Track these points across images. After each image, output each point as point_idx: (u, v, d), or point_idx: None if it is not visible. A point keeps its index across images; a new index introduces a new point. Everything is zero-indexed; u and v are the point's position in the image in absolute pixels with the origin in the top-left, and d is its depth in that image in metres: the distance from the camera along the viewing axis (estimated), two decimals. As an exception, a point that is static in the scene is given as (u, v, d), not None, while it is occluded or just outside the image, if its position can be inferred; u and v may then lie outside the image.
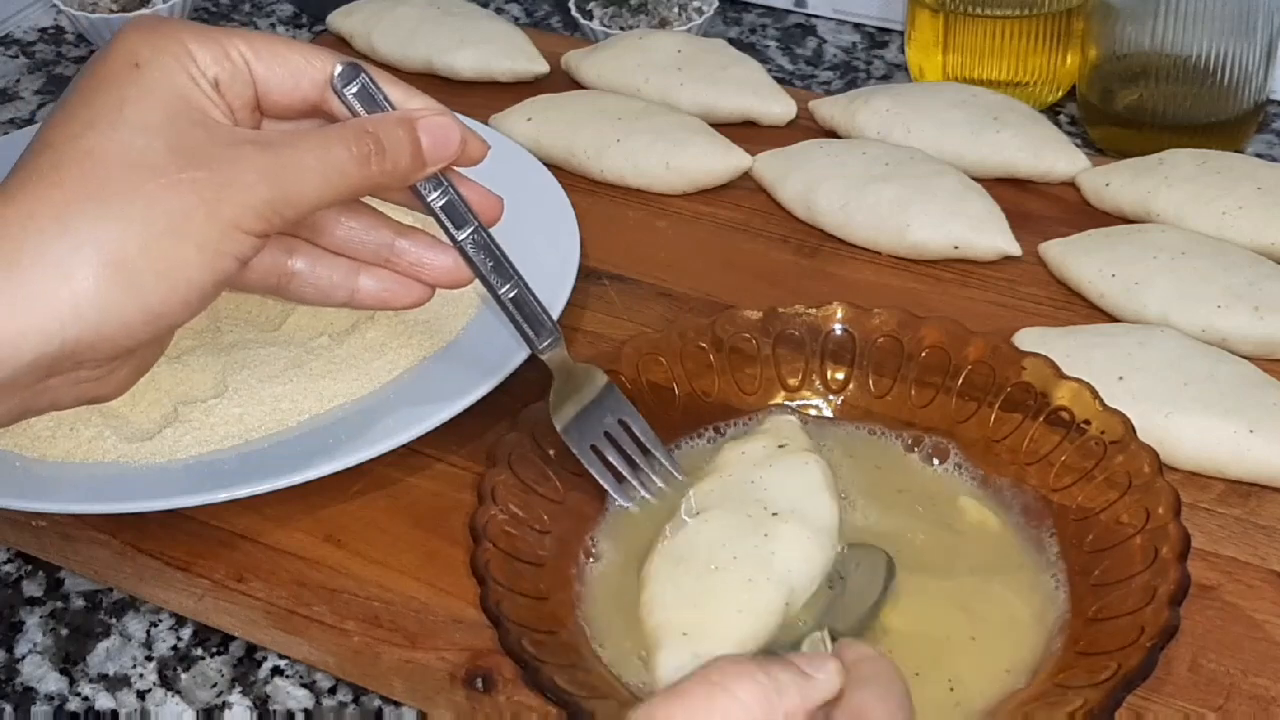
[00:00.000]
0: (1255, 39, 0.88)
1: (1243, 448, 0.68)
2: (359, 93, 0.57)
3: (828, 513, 0.64)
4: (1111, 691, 0.55)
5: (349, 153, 0.54)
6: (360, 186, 0.55)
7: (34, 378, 0.49)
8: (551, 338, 0.64)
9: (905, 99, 0.92)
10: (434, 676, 0.63)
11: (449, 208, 0.60)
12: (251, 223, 0.51)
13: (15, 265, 0.48)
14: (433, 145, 0.57)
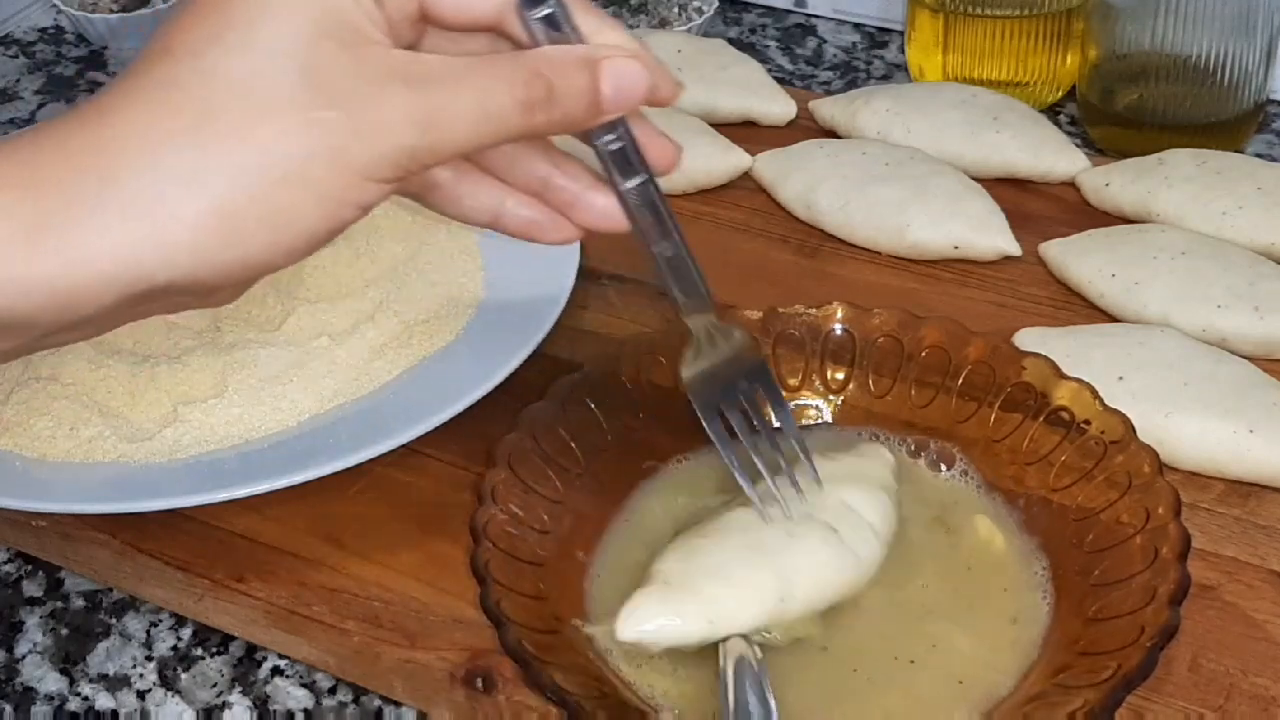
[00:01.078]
0: (1255, 39, 0.88)
1: (1243, 448, 0.68)
2: (547, 17, 0.49)
3: (866, 552, 0.62)
4: (1111, 691, 0.55)
5: (513, 99, 0.47)
6: (520, 134, 0.49)
7: (125, 309, 0.45)
8: (701, 306, 0.58)
9: (905, 99, 0.92)
10: (434, 676, 0.63)
11: (620, 155, 0.53)
12: (386, 171, 0.45)
13: (105, 199, 0.42)
14: (615, 93, 0.50)
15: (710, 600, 0.58)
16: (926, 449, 0.69)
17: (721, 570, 0.59)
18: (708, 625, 0.58)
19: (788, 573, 0.60)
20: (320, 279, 0.80)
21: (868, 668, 0.60)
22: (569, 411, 0.68)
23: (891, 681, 0.59)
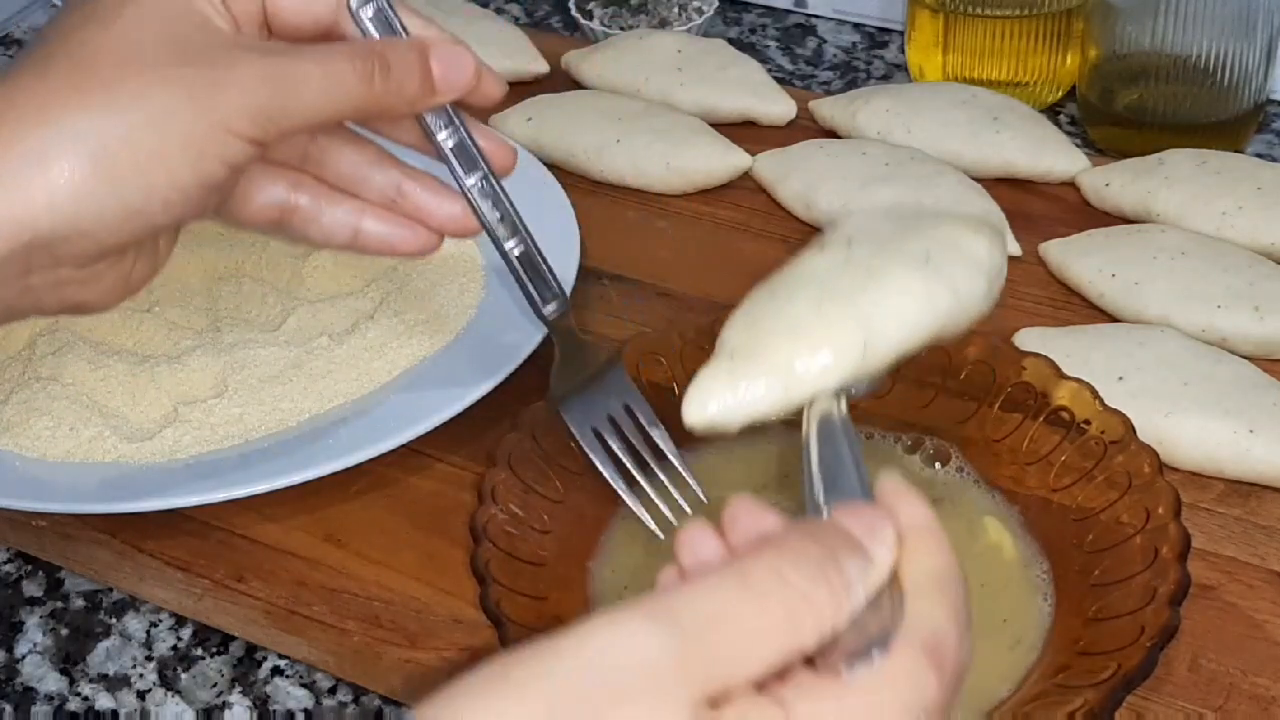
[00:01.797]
0: (1255, 39, 0.88)
1: (1243, 448, 0.68)
2: (374, 16, 0.54)
3: (966, 283, 0.52)
4: (1111, 691, 0.55)
5: (352, 66, 0.52)
6: (362, 104, 0.52)
7: (12, 271, 0.48)
8: (557, 301, 0.61)
9: (905, 99, 0.92)
10: (434, 676, 0.63)
11: (459, 149, 0.57)
12: (244, 126, 0.49)
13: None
14: (444, 74, 0.55)
15: (782, 362, 0.50)
16: (924, 447, 0.69)
17: (791, 325, 0.51)
18: (783, 391, 0.50)
19: (869, 313, 0.51)
20: (320, 279, 0.81)
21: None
22: (569, 411, 0.68)
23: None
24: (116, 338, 0.77)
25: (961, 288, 0.52)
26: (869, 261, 0.52)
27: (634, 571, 0.64)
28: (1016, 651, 0.60)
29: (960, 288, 0.52)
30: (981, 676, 0.59)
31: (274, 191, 0.56)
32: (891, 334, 0.51)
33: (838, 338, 0.50)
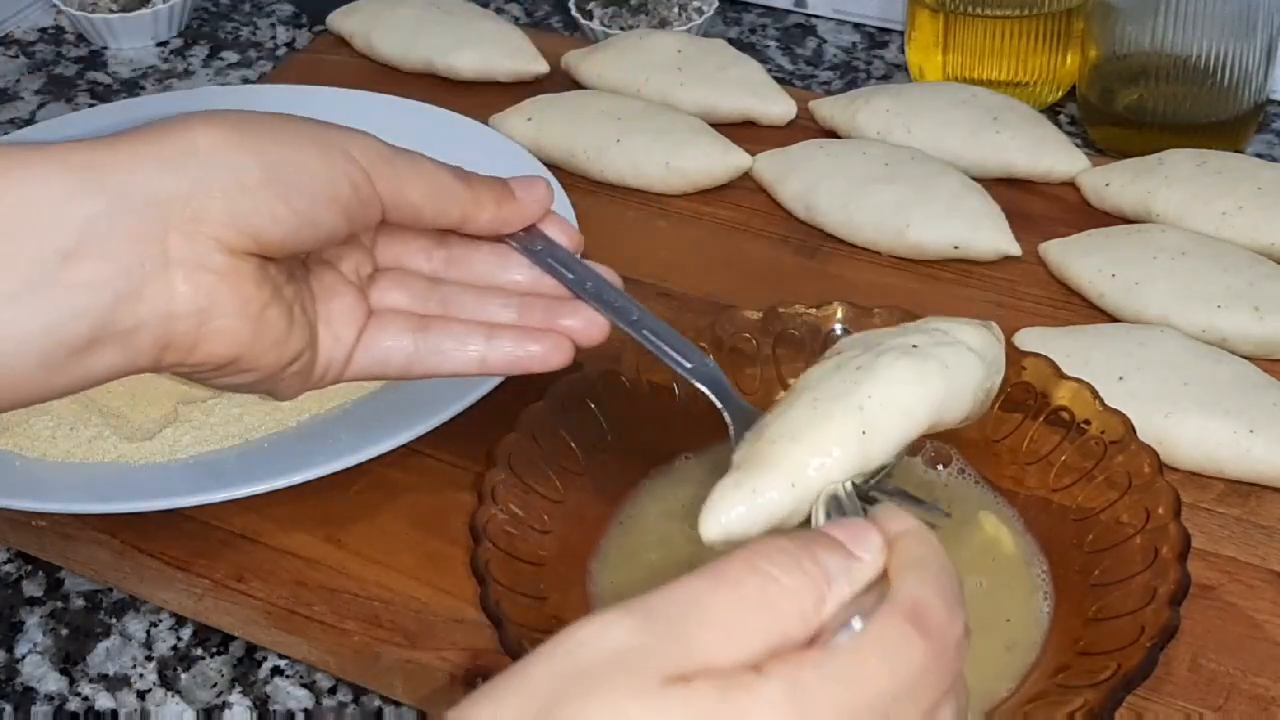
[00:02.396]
0: (1255, 39, 0.88)
1: (1243, 448, 0.68)
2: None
3: (957, 362, 0.55)
4: (1111, 691, 0.55)
5: (450, 171, 0.59)
6: (455, 199, 0.58)
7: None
8: (697, 356, 0.61)
9: (905, 99, 0.92)
10: (434, 676, 0.63)
11: (561, 258, 0.62)
12: (362, 157, 0.55)
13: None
14: (521, 189, 0.61)
15: (785, 464, 0.52)
16: (925, 450, 0.69)
17: (791, 430, 0.53)
18: (791, 490, 0.52)
19: (863, 404, 0.54)
20: (320, 279, 0.80)
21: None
22: (569, 411, 0.68)
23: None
24: (116, 338, 0.76)
25: (951, 363, 0.56)
26: (859, 360, 0.55)
27: (634, 572, 0.64)
28: (1015, 651, 0.60)
29: (950, 364, 0.55)
30: (981, 675, 0.59)
31: (402, 340, 0.59)
32: (889, 421, 0.54)
33: (837, 432, 0.53)
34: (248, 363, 0.53)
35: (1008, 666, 0.60)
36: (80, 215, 0.49)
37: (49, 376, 0.50)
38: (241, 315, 0.52)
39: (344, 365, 0.58)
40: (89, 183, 0.49)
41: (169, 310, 0.50)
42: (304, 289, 0.57)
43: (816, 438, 0.53)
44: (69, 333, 0.49)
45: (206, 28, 1.17)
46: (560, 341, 0.60)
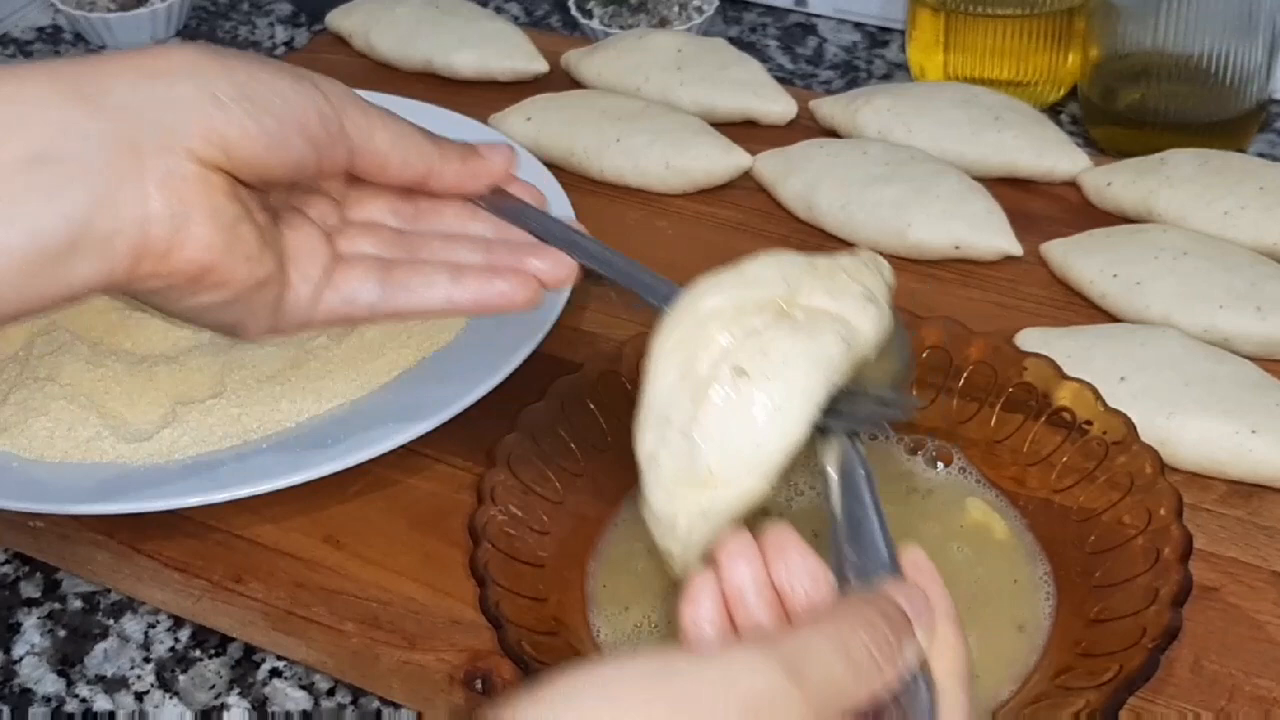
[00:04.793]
0: (1257, 38, 0.88)
1: (1245, 448, 0.68)
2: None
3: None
4: (1113, 693, 0.54)
5: (418, 131, 0.60)
6: (422, 156, 0.59)
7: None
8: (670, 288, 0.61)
9: (906, 99, 0.92)
10: (433, 678, 0.63)
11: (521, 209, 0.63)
12: (335, 96, 0.56)
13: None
14: (486, 151, 0.63)
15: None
16: (926, 449, 0.69)
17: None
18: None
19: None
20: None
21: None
22: (569, 412, 0.68)
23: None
24: (114, 338, 0.76)
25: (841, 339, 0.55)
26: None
27: (627, 577, 0.64)
28: (1027, 632, 0.61)
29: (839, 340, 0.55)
30: (986, 666, 0.59)
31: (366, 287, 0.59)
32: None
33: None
34: (221, 275, 0.53)
35: (1010, 667, 0.60)
36: (57, 120, 0.50)
37: (29, 285, 0.50)
38: (214, 223, 0.53)
39: (311, 304, 0.58)
40: (67, 90, 0.51)
41: (144, 214, 0.51)
42: (273, 225, 0.58)
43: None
44: (48, 237, 0.50)
45: (205, 27, 1.17)
46: (527, 280, 0.60)
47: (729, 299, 0.57)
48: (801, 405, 0.53)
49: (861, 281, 0.57)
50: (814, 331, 0.54)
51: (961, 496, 0.67)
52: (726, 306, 0.56)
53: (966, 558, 0.64)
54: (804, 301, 0.56)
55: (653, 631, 0.62)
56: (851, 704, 0.42)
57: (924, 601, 0.46)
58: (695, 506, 0.54)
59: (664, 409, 0.55)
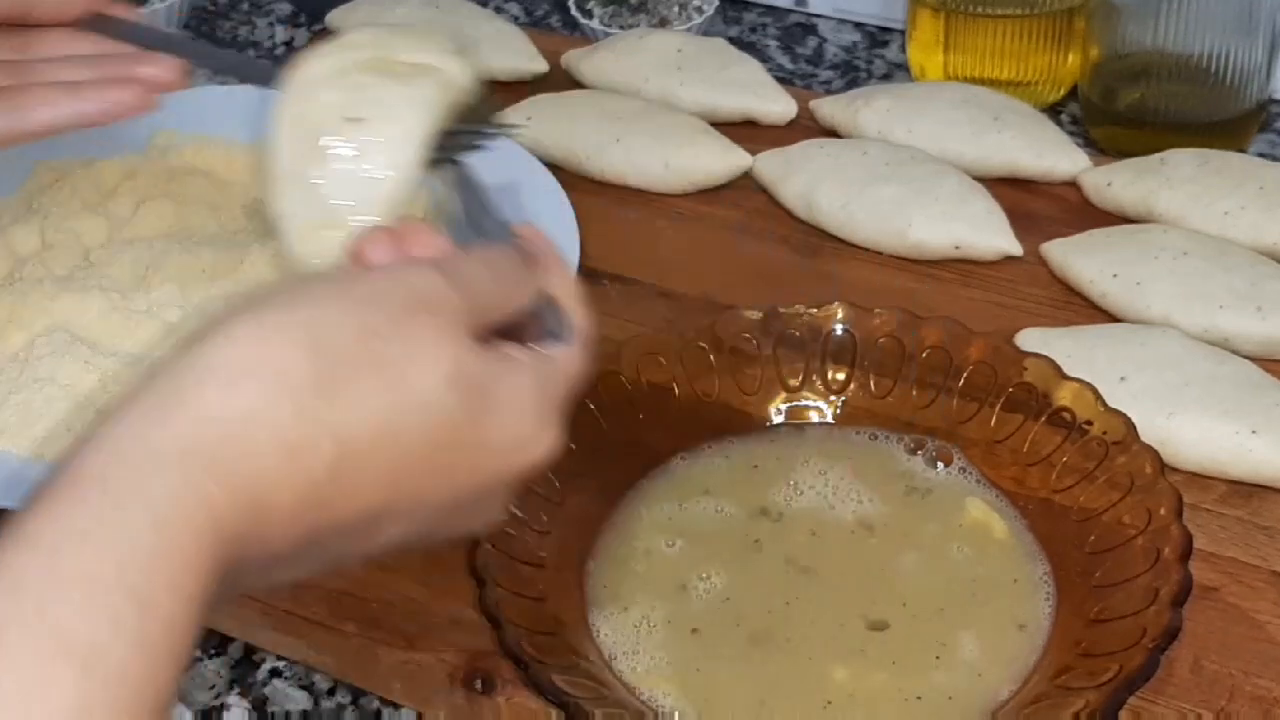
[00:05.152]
0: (1257, 38, 0.88)
1: (1245, 448, 0.68)
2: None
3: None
4: (1113, 693, 0.54)
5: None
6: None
7: None
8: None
9: (906, 99, 0.92)
10: (433, 678, 0.63)
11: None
12: None
13: None
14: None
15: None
16: (926, 449, 0.69)
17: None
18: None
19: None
20: (319, 278, 0.80)
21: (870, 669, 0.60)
22: (569, 412, 0.68)
23: (893, 684, 0.59)
24: (114, 339, 0.76)
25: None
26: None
27: (624, 579, 0.64)
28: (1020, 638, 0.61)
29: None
30: (986, 666, 0.59)
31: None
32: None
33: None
34: None
35: (1010, 667, 0.60)
36: None
37: None
38: None
39: None
40: None
41: None
42: None
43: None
44: None
45: (205, 27, 1.17)
46: (138, 86, 0.64)
47: (333, 63, 0.62)
48: (412, 143, 0.60)
49: (440, 38, 0.64)
50: (414, 80, 0.61)
51: (961, 496, 0.67)
52: (332, 70, 0.62)
53: (966, 557, 0.64)
54: (401, 58, 0.62)
55: (653, 631, 0.62)
56: (498, 316, 0.50)
57: (542, 246, 0.55)
58: (333, 243, 0.59)
59: (291, 169, 0.61)
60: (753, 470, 0.69)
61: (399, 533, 0.48)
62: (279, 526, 0.43)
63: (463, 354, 0.47)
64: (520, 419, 0.49)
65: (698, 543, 0.66)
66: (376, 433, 0.44)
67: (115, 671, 0.36)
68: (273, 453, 0.42)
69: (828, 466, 0.68)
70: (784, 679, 0.60)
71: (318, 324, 0.44)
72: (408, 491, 0.47)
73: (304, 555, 0.46)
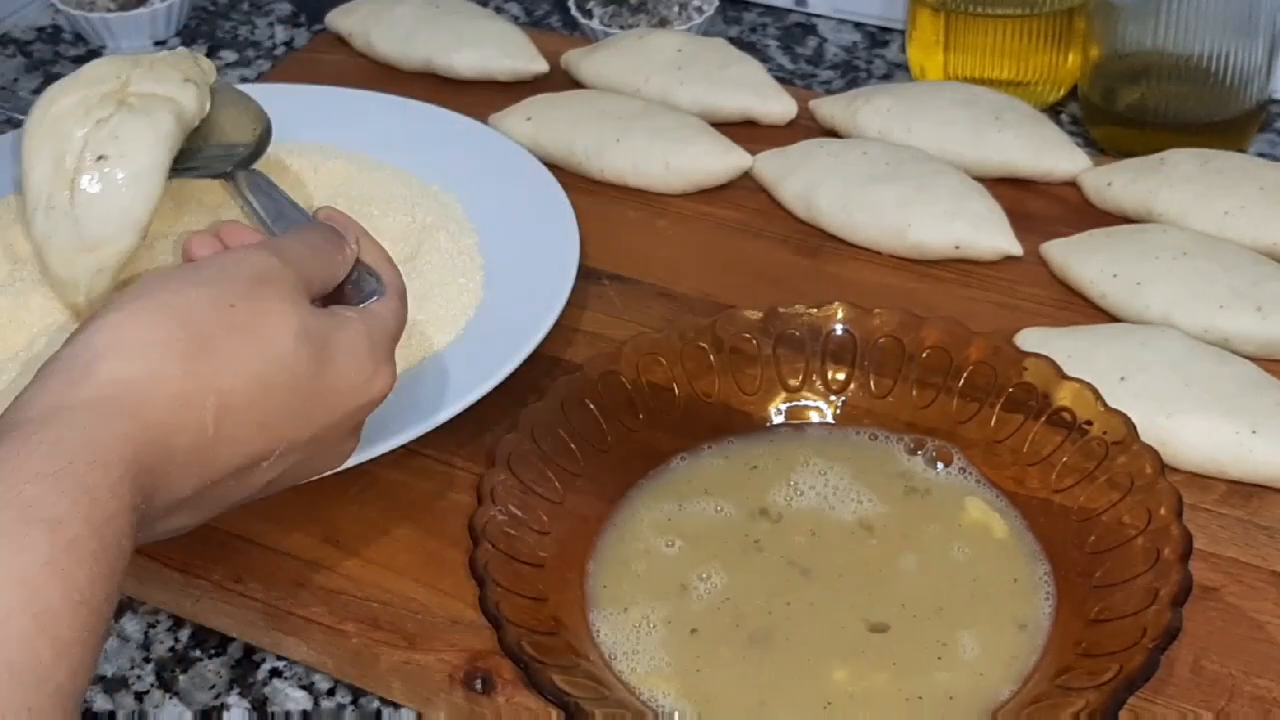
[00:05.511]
0: (1257, 38, 0.88)
1: (1245, 448, 0.68)
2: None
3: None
4: (1114, 693, 0.55)
5: None
6: None
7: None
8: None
9: (906, 98, 0.92)
10: (433, 678, 0.63)
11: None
12: None
13: None
14: None
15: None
16: (926, 448, 0.69)
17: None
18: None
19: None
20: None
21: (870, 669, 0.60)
22: (569, 412, 0.68)
23: (893, 684, 0.59)
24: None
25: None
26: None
27: (624, 580, 0.64)
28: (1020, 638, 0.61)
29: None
30: (986, 665, 0.59)
31: None
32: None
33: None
34: None
35: (1010, 667, 0.60)
36: None
37: None
38: None
39: None
40: None
41: None
42: None
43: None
44: None
45: (205, 27, 1.17)
46: None
47: (76, 99, 0.70)
48: (152, 171, 0.69)
49: (180, 70, 0.73)
50: (150, 112, 0.70)
51: (961, 496, 0.67)
52: (75, 105, 0.70)
53: (966, 557, 0.64)
54: (136, 89, 0.71)
55: (653, 631, 0.62)
56: (324, 282, 0.60)
57: (344, 220, 0.64)
58: (91, 266, 0.70)
59: (44, 198, 0.69)
60: (752, 470, 0.69)
61: (274, 474, 0.58)
62: (179, 468, 0.52)
63: (305, 314, 0.57)
64: (359, 364, 0.59)
65: (697, 543, 0.66)
66: (248, 385, 0.54)
67: (73, 539, 0.46)
68: (167, 404, 0.52)
69: (827, 466, 0.68)
70: (784, 679, 0.60)
71: (179, 303, 0.54)
72: (278, 436, 0.56)
73: (202, 500, 0.55)
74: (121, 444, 0.49)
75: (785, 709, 0.59)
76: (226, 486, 0.56)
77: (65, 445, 0.48)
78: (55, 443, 0.48)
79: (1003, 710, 0.58)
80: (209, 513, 0.57)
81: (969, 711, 0.58)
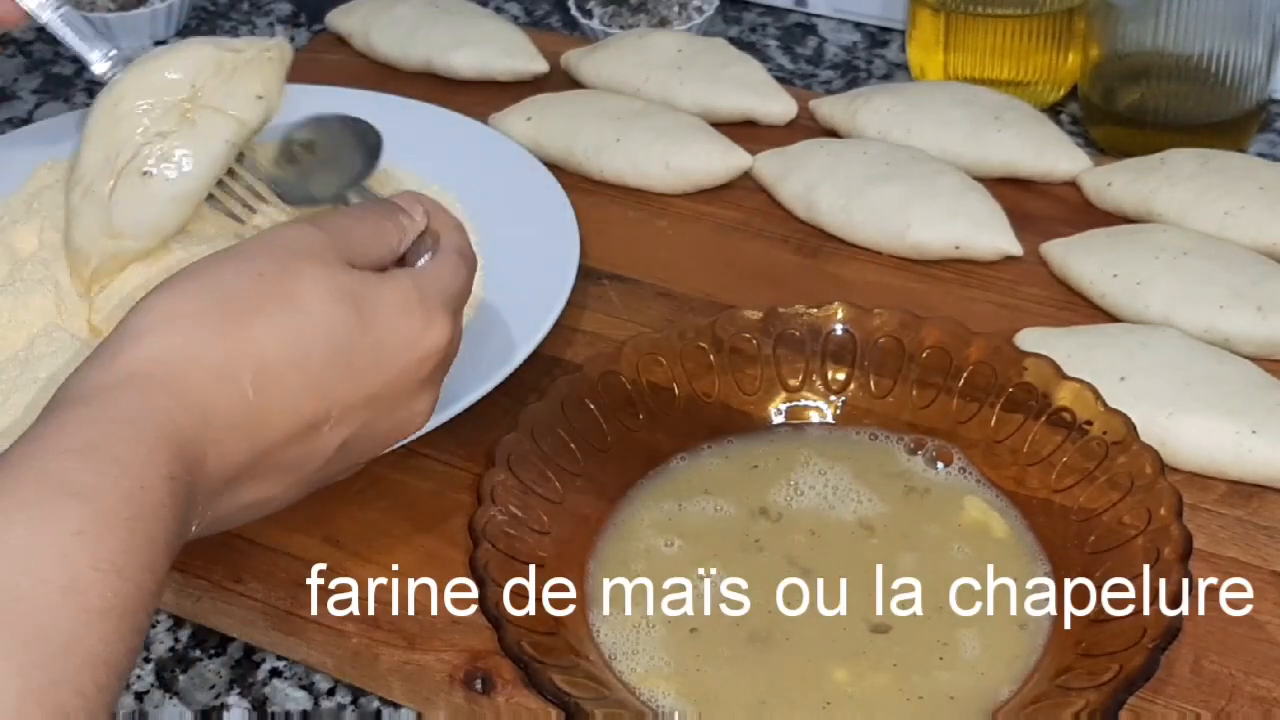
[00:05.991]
0: (1257, 38, 0.88)
1: (1245, 448, 0.68)
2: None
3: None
4: (1114, 693, 0.55)
5: None
6: None
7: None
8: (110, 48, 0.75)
9: (906, 98, 0.92)
10: (433, 678, 0.63)
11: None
12: None
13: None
14: None
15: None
16: (926, 448, 0.69)
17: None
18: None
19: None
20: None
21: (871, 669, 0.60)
22: (568, 412, 0.68)
23: (894, 684, 0.59)
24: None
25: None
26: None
27: (634, 572, 0.64)
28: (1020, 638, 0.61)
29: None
30: (987, 665, 0.59)
31: None
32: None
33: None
34: None
35: (1010, 667, 0.60)
36: None
37: None
38: None
39: None
40: None
41: None
42: None
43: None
44: None
45: (205, 27, 1.17)
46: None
47: (145, 105, 0.72)
48: (193, 195, 0.73)
49: (261, 80, 0.74)
50: (209, 135, 0.73)
51: (961, 496, 0.67)
52: (141, 111, 0.72)
53: (966, 557, 0.64)
54: (205, 103, 0.73)
55: (653, 631, 0.62)
56: (366, 252, 0.60)
57: (413, 197, 0.64)
58: (109, 250, 0.74)
59: (88, 180, 0.73)
60: (752, 470, 0.69)
61: (341, 436, 0.58)
62: (228, 434, 0.53)
63: (341, 275, 0.57)
64: (407, 318, 0.59)
65: (697, 543, 0.66)
66: (285, 348, 0.55)
67: (106, 510, 0.47)
68: (204, 374, 0.53)
69: (828, 466, 0.68)
70: (784, 679, 0.60)
71: (215, 280, 0.56)
72: (329, 397, 0.56)
73: (270, 468, 0.56)
74: (157, 416, 0.50)
75: (785, 709, 0.59)
76: (292, 453, 0.56)
77: (98, 422, 0.50)
78: (89, 420, 0.50)
79: (1003, 710, 0.58)
80: (291, 482, 0.58)
81: (969, 711, 0.58)
